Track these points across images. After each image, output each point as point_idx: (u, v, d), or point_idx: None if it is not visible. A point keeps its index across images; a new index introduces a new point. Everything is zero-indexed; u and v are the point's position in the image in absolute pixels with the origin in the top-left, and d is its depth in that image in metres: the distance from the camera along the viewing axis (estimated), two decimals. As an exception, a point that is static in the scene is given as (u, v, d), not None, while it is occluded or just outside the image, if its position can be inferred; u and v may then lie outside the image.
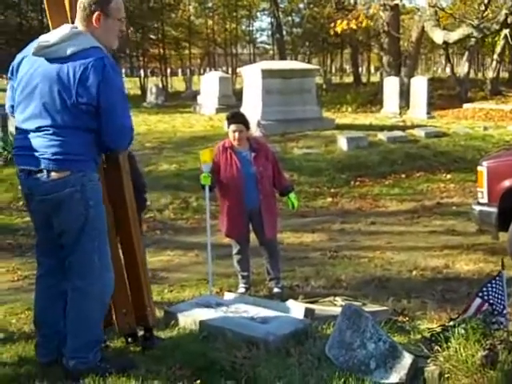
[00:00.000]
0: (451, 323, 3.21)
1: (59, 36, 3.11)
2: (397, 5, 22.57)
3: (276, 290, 5.77)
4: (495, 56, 27.13)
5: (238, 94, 18.41)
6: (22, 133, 3.18)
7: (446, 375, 2.91)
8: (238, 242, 5.82)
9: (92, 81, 3.02)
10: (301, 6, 39.22)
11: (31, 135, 3.13)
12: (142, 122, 16.65)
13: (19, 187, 3.49)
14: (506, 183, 6.16)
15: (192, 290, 5.94)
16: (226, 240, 6.21)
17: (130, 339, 3.61)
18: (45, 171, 3.09)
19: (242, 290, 5.79)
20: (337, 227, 8.77)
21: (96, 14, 3.15)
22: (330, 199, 10.57)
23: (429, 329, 3.47)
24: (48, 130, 3.09)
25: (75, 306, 3.19)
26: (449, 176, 11.85)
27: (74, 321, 3.20)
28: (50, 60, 3.11)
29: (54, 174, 3.08)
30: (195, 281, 6.30)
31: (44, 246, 3.35)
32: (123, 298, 3.52)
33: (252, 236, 5.87)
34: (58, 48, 3.08)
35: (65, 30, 3.14)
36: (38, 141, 3.11)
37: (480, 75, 39.23)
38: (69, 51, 3.06)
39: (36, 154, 3.11)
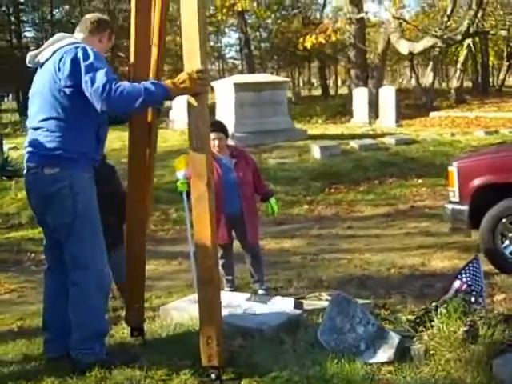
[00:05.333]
0: (433, 305, 3.42)
1: (47, 43, 3.37)
2: (362, 18, 23.13)
3: (261, 291, 5.91)
4: (459, 65, 27.83)
5: (210, 109, 18.47)
6: (29, 132, 3.38)
7: (431, 352, 3.12)
8: (221, 247, 5.97)
9: (67, 65, 3.18)
10: (268, 21, 39.68)
11: (32, 133, 3.33)
12: (116, 139, 16.52)
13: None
14: (476, 182, 6.40)
15: (179, 295, 6.04)
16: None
17: (135, 333, 3.75)
18: (39, 167, 3.26)
19: (227, 292, 5.94)
20: (315, 232, 8.97)
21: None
22: (306, 206, 10.78)
23: (413, 312, 3.68)
24: (42, 128, 3.26)
25: (75, 299, 3.32)
26: (420, 181, 12.17)
27: (76, 314, 3.32)
28: (41, 64, 3.35)
29: (46, 171, 3.24)
30: (181, 287, 6.43)
31: (47, 242, 3.50)
32: (137, 292, 3.69)
33: (235, 242, 6.03)
34: (45, 52, 3.32)
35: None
36: (35, 138, 3.29)
37: (444, 85, 40.10)
38: (51, 50, 3.29)
39: (34, 150, 3.29)
